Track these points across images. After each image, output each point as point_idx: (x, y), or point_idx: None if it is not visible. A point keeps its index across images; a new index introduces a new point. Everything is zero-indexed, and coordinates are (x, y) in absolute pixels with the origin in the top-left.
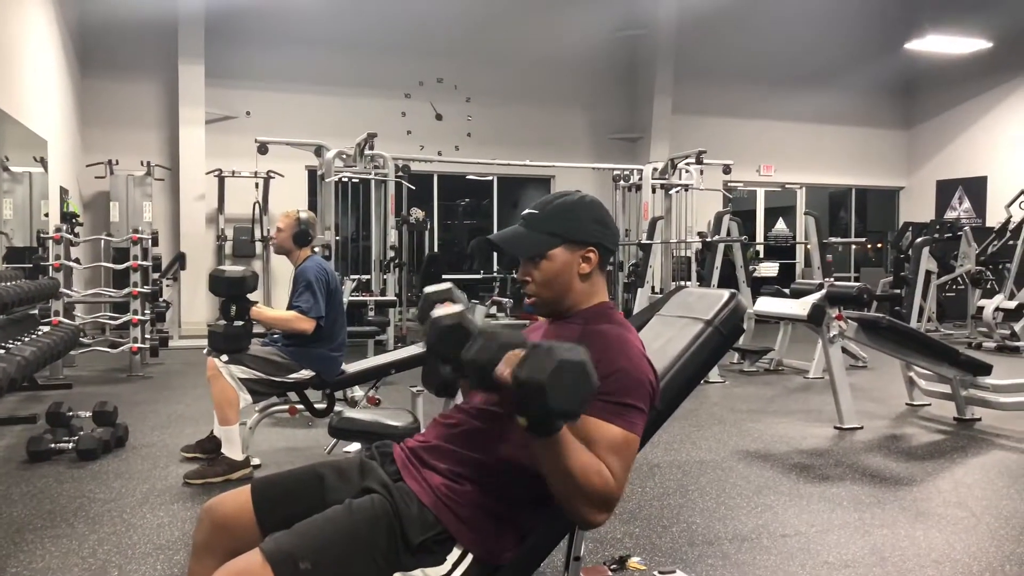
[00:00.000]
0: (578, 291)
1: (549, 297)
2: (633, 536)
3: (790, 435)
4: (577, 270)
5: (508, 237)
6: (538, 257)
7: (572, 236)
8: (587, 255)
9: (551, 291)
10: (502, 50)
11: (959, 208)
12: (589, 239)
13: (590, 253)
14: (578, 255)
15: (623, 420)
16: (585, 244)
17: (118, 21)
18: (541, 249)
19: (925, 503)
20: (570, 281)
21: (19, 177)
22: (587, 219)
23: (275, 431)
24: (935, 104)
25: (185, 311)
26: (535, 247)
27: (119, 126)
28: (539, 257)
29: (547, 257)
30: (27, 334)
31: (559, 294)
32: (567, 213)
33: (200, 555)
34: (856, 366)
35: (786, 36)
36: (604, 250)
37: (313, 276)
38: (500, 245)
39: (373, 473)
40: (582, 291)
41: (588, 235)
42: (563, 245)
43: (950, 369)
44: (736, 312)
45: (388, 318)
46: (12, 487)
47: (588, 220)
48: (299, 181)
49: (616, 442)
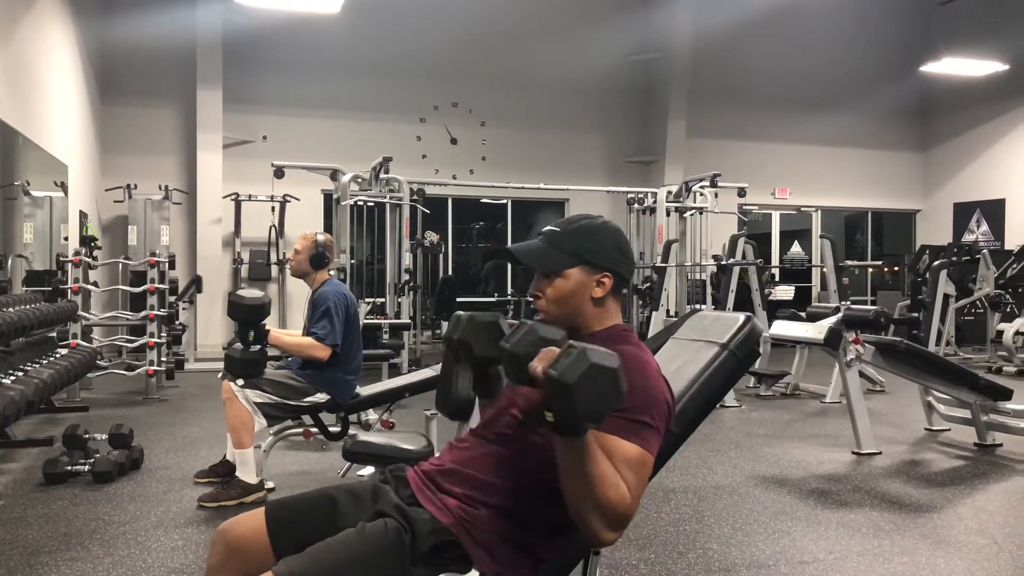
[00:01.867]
0: (589, 314)
1: (558, 315)
2: (648, 562)
3: (807, 460)
4: (590, 293)
5: (526, 250)
6: (553, 274)
7: (590, 258)
8: (602, 279)
9: (561, 309)
10: (517, 74)
11: (977, 231)
12: (607, 264)
13: (605, 278)
14: (593, 278)
15: (639, 438)
16: (602, 269)
17: (138, 48)
18: (558, 266)
19: (946, 530)
20: (581, 303)
21: (40, 201)
22: (608, 244)
23: (289, 454)
24: (951, 126)
25: (201, 334)
26: (552, 263)
27: (138, 151)
28: (554, 274)
29: (562, 275)
30: (45, 357)
31: (569, 314)
32: (589, 235)
33: None
34: (873, 390)
35: (801, 59)
36: (619, 277)
37: (332, 302)
38: (517, 256)
39: (385, 497)
40: (593, 314)
41: (606, 260)
42: (580, 266)
43: (970, 394)
44: (752, 335)
45: (403, 341)
46: (28, 509)
47: (608, 246)
48: (315, 205)
49: (632, 459)
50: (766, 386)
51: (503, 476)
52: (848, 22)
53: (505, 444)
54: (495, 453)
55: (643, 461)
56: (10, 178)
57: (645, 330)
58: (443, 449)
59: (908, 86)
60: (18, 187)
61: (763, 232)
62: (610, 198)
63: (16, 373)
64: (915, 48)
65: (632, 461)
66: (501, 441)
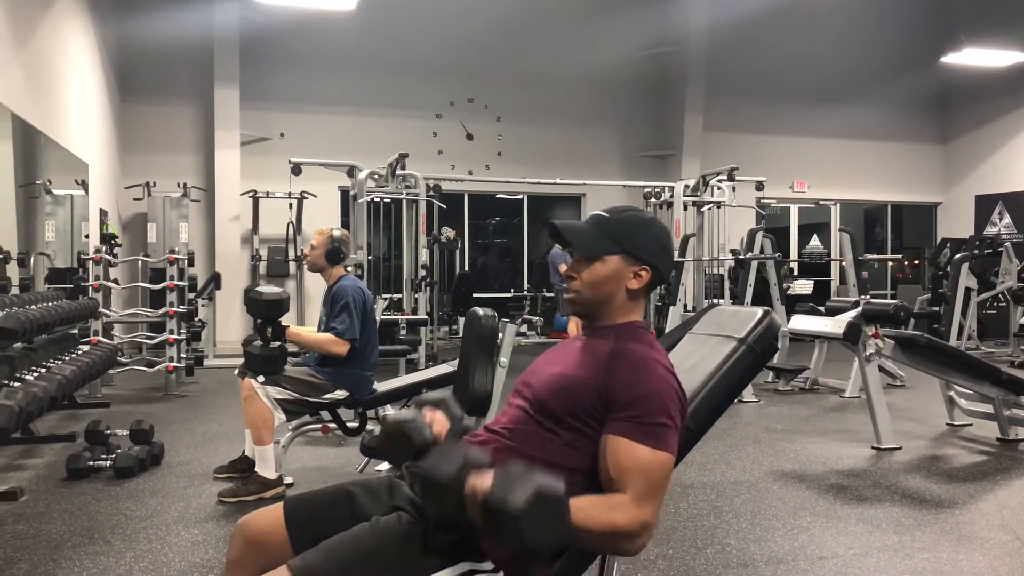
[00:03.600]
0: (619, 304)
1: (589, 298)
2: (667, 558)
3: (826, 455)
4: (626, 283)
5: (572, 229)
6: (593, 257)
7: (632, 249)
8: (640, 272)
9: (593, 294)
10: (532, 69)
11: (999, 223)
12: (648, 258)
13: (643, 271)
14: (632, 269)
15: (654, 440)
16: (642, 261)
17: (156, 47)
18: (599, 250)
19: (968, 526)
20: (615, 291)
21: (61, 200)
22: (653, 240)
23: (307, 450)
24: (972, 118)
25: (220, 330)
26: (595, 246)
27: (157, 149)
28: (594, 258)
29: (602, 260)
30: (67, 353)
31: (601, 300)
32: (635, 227)
33: (233, 571)
34: (894, 385)
35: (818, 51)
36: (657, 274)
37: (351, 297)
38: (562, 232)
39: (400, 491)
40: (622, 305)
41: (648, 254)
42: (621, 254)
43: (992, 388)
44: (770, 330)
45: (419, 337)
46: (52, 504)
47: (653, 241)
48: (332, 201)
49: (650, 464)
50: (784, 381)
51: None
52: (866, 13)
53: (519, 439)
54: (509, 448)
55: (661, 463)
56: (32, 177)
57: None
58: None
59: (928, 77)
60: (40, 186)
61: (781, 226)
62: (627, 193)
63: (39, 369)
64: (935, 39)
65: (647, 467)
66: (515, 436)
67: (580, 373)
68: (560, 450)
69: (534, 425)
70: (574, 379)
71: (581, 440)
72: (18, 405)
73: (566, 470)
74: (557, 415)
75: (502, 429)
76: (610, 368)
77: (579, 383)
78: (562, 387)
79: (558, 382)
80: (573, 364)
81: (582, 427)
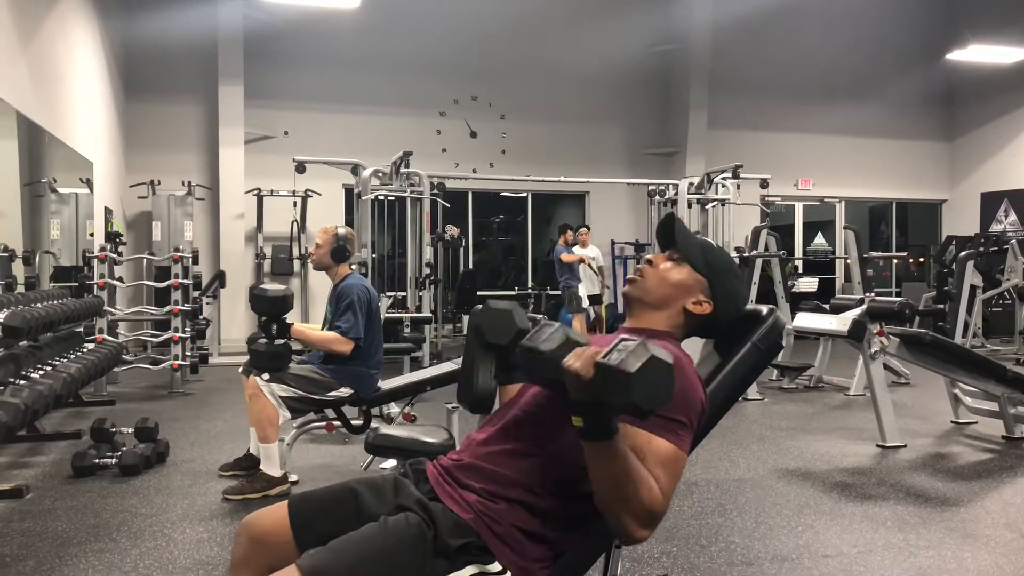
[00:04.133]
0: (669, 314)
1: (651, 289)
2: (671, 555)
3: (831, 453)
4: (689, 301)
5: (683, 229)
6: (681, 261)
7: (715, 283)
8: (705, 304)
9: (657, 289)
10: (536, 67)
11: (1005, 221)
12: (719, 300)
13: (708, 305)
14: (701, 296)
15: (674, 436)
16: (711, 298)
17: (160, 45)
18: (691, 260)
19: (972, 524)
20: (675, 301)
21: (66, 198)
22: (735, 290)
23: (312, 447)
24: (978, 115)
25: (224, 328)
26: (691, 254)
27: (161, 147)
28: (682, 262)
29: (684, 266)
30: (72, 351)
31: (659, 299)
32: (730, 271)
33: (238, 570)
34: (898, 383)
35: (823, 47)
36: (714, 316)
37: (356, 295)
38: (675, 227)
39: (406, 491)
40: (671, 318)
41: (719, 293)
42: (704, 278)
43: (997, 386)
44: (774, 328)
45: (424, 335)
46: (57, 501)
47: (734, 291)
48: (336, 199)
49: (667, 457)
50: (789, 379)
51: (521, 470)
52: (871, 9)
53: (524, 438)
54: (513, 447)
55: (677, 458)
56: (37, 175)
57: None
58: (463, 443)
59: (934, 74)
60: (45, 184)
61: (786, 223)
62: (631, 190)
63: (44, 367)
64: (940, 35)
65: (666, 459)
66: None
67: None
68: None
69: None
70: None
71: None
72: (24, 403)
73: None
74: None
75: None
76: None
77: None
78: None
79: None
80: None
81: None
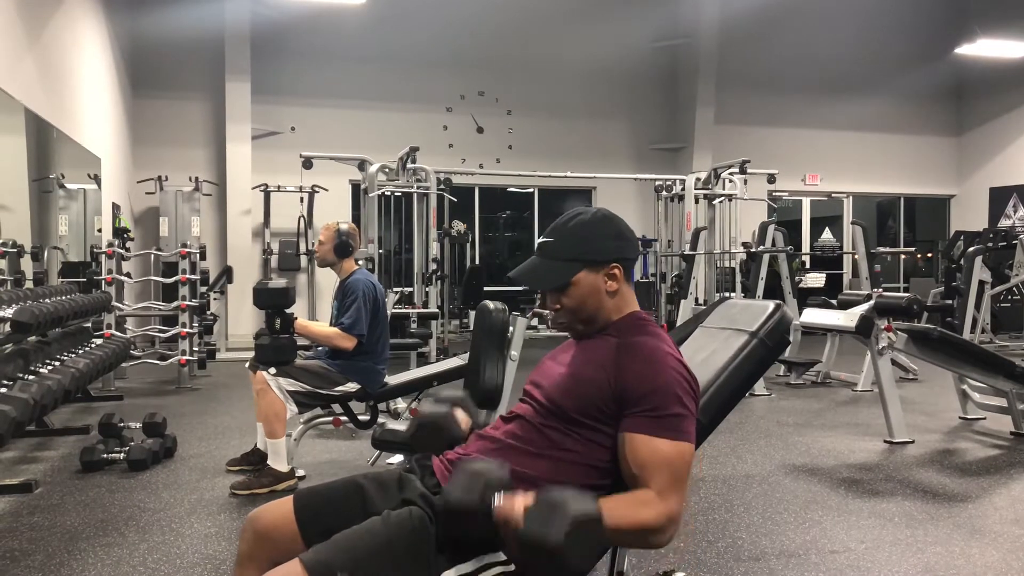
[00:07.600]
0: (608, 308)
1: (583, 319)
2: (678, 551)
3: (838, 449)
4: (605, 289)
5: (528, 271)
6: (562, 287)
7: (593, 257)
8: (612, 272)
9: (581, 315)
10: (543, 62)
11: (1014, 216)
12: (610, 256)
13: (614, 270)
14: (602, 275)
15: (671, 431)
16: (607, 262)
17: (167, 41)
18: (564, 278)
19: (980, 520)
20: (600, 301)
21: (74, 194)
22: (604, 236)
23: (319, 442)
24: (987, 109)
25: (232, 324)
26: (557, 278)
27: (168, 143)
28: (563, 287)
29: (572, 284)
30: (81, 346)
31: (591, 316)
32: (583, 234)
33: (244, 564)
34: (906, 379)
35: (831, 42)
36: (627, 262)
37: (362, 291)
38: (520, 281)
39: (411, 485)
40: (612, 307)
41: (609, 252)
42: (585, 268)
43: (1006, 382)
44: (782, 323)
45: (430, 330)
46: (66, 496)
47: (606, 237)
48: (343, 195)
49: (668, 457)
50: (796, 374)
51: (526, 465)
52: (880, 3)
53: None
54: (520, 443)
55: (680, 453)
56: (45, 171)
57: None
58: (469, 438)
59: (942, 69)
60: (53, 180)
61: (793, 219)
62: (637, 186)
63: (53, 363)
64: (949, 30)
65: (668, 460)
66: (526, 430)
67: (590, 373)
68: (574, 449)
69: (546, 427)
70: (585, 380)
71: (597, 437)
72: (32, 398)
73: (581, 468)
74: (570, 416)
75: (514, 429)
76: (619, 364)
77: (590, 383)
78: (573, 388)
79: (569, 383)
80: (582, 364)
81: (596, 425)
